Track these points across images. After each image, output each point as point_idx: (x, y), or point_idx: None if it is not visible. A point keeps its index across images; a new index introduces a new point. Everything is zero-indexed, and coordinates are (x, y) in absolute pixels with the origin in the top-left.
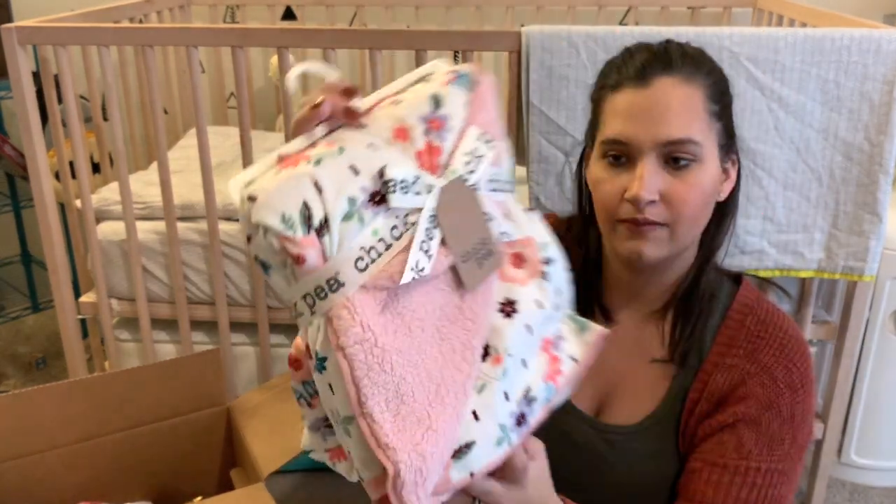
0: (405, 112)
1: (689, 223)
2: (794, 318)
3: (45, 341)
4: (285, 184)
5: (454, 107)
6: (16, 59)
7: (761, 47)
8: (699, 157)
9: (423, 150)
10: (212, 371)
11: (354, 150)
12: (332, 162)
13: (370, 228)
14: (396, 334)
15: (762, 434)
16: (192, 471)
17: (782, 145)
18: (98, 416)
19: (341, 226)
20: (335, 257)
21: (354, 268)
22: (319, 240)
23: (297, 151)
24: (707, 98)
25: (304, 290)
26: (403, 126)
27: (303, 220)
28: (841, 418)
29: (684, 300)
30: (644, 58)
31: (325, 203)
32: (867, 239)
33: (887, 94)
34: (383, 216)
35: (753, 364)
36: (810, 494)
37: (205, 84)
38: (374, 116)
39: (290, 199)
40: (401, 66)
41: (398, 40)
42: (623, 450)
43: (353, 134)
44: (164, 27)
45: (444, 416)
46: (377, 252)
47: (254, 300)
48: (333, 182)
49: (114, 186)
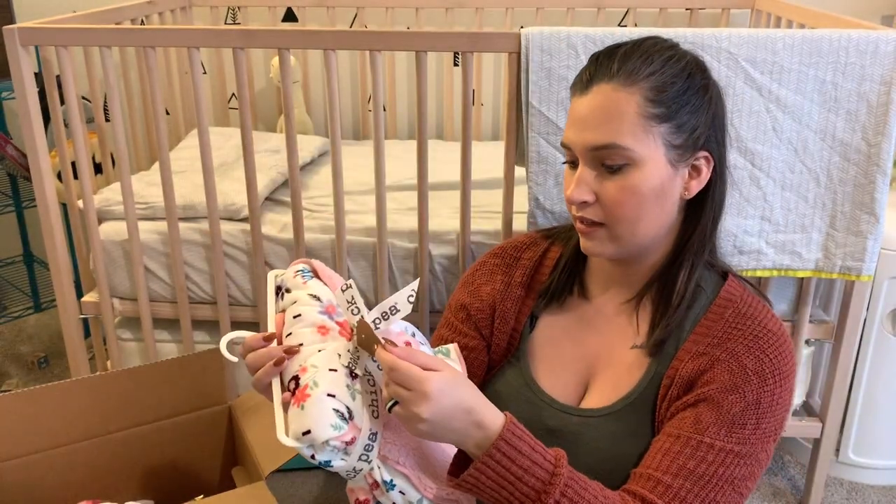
0: (312, 318)
1: (627, 223)
2: (793, 318)
3: (47, 341)
4: (316, 409)
5: (323, 291)
6: (18, 60)
7: (759, 48)
8: (633, 160)
9: (341, 328)
10: (213, 370)
11: (320, 360)
12: (324, 378)
13: (365, 391)
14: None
15: (722, 414)
16: (193, 469)
17: (780, 146)
18: (100, 416)
19: (354, 404)
20: (364, 424)
21: (374, 418)
22: (354, 421)
23: (289, 393)
24: (645, 101)
25: (359, 453)
26: (323, 325)
27: (341, 419)
28: (839, 417)
29: (661, 289)
30: (592, 65)
31: (343, 400)
32: (865, 239)
33: (885, 95)
34: (359, 383)
35: (723, 351)
36: (808, 493)
37: (206, 85)
38: (298, 331)
39: (327, 414)
40: (401, 67)
41: (399, 41)
42: (598, 431)
43: (308, 353)
44: (166, 28)
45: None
46: (376, 400)
47: (255, 300)
48: (336, 387)
49: (116, 187)
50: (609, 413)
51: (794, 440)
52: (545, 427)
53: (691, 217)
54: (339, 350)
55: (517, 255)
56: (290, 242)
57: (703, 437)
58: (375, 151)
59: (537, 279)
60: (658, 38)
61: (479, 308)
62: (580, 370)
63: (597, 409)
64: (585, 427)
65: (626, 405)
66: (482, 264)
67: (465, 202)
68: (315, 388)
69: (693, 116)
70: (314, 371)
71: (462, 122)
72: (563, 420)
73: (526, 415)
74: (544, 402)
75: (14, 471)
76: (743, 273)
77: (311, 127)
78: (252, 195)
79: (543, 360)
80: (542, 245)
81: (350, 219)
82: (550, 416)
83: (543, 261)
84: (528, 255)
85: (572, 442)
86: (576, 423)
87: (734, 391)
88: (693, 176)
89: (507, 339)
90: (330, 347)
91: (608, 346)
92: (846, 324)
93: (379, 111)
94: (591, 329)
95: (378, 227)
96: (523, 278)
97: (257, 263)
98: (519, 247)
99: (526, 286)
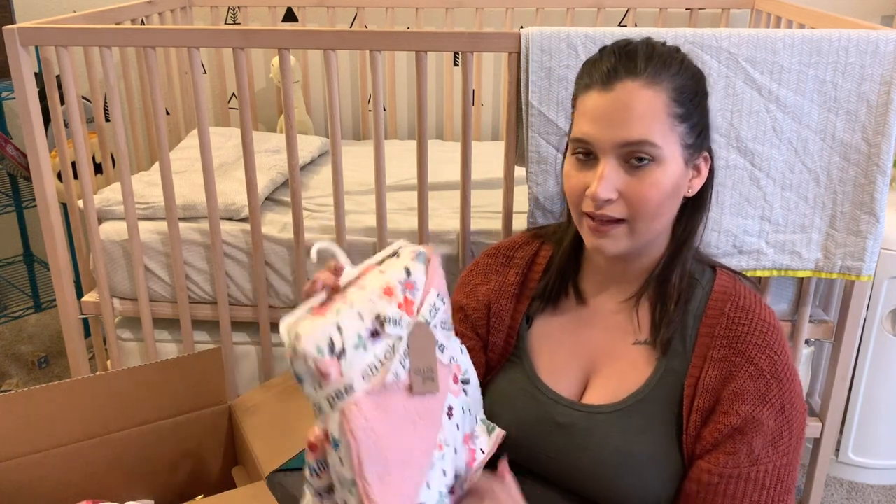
0: (389, 278)
1: (648, 219)
2: (793, 318)
3: (47, 341)
4: (318, 327)
5: (418, 275)
6: (18, 60)
7: (759, 48)
8: (658, 157)
9: (402, 302)
10: (213, 370)
11: (360, 304)
12: (347, 313)
13: (371, 353)
14: (387, 425)
15: (766, 434)
16: (193, 469)
17: (780, 146)
18: (100, 415)
19: (353, 353)
20: (348, 373)
21: (361, 379)
22: (338, 362)
23: (321, 305)
24: (670, 101)
25: (326, 394)
26: (389, 286)
27: (329, 349)
28: (839, 417)
29: (659, 286)
30: (612, 61)
31: (343, 339)
32: (864, 239)
33: (885, 95)
34: (379, 345)
35: (738, 355)
36: (808, 493)
37: (206, 85)
38: (368, 280)
39: (322, 336)
40: (401, 67)
41: (399, 41)
42: (606, 428)
43: (359, 293)
44: (166, 28)
45: (412, 483)
46: (376, 368)
47: (255, 300)
48: (348, 325)
49: (116, 187)
50: (618, 409)
51: None
52: (554, 423)
53: (687, 213)
54: (380, 310)
55: (510, 255)
56: (290, 242)
57: (760, 467)
58: (375, 151)
59: (531, 278)
60: (657, 41)
61: (476, 308)
62: (581, 365)
63: (604, 406)
64: (593, 422)
65: (635, 402)
66: (477, 264)
67: (465, 202)
68: (334, 314)
69: (702, 118)
70: (347, 306)
71: (462, 122)
72: (572, 416)
73: (533, 412)
74: (550, 399)
75: (14, 471)
76: (743, 273)
77: (311, 127)
78: (252, 195)
79: (543, 356)
80: (533, 244)
81: (350, 219)
82: (558, 413)
83: (536, 259)
84: (521, 255)
85: (582, 437)
86: (583, 419)
87: (764, 401)
88: (695, 174)
89: (504, 338)
90: (378, 304)
91: (609, 342)
92: (846, 324)
93: (379, 111)
94: (590, 326)
95: (378, 227)
96: (517, 277)
97: (257, 263)
98: (512, 246)
99: (520, 285)
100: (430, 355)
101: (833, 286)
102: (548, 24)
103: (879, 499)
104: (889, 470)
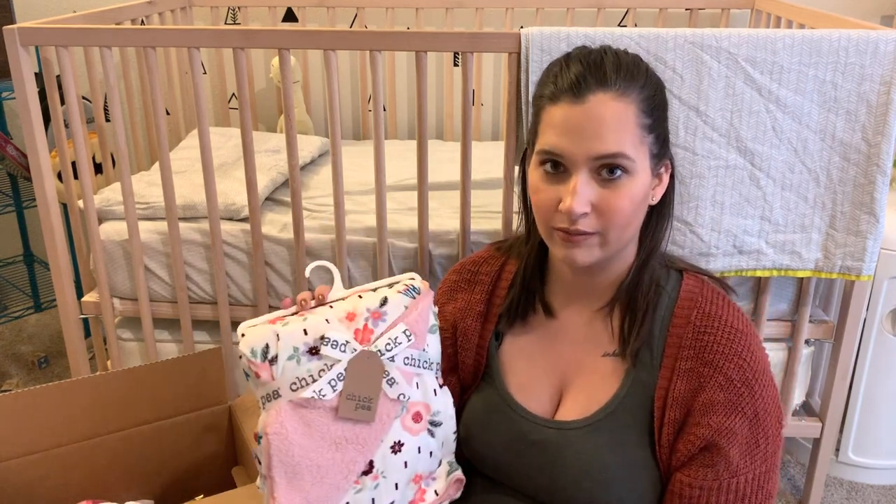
0: (360, 304)
1: (620, 230)
2: (793, 318)
3: (47, 341)
4: (259, 333)
5: (393, 308)
6: (18, 60)
7: (759, 48)
8: (630, 169)
9: (361, 329)
10: (213, 370)
11: (313, 320)
12: (293, 326)
13: (305, 367)
14: (302, 436)
15: (741, 443)
16: (193, 469)
17: (780, 146)
18: (100, 415)
19: (286, 363)
20: (278, 379)
21: (289, 388)
22: (271, 367)
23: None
24: (640, 112)
25: (260, 393)
26: (354, 312)
27: (262, 354)
28: (838, 417)
29: (629, 296)
30: (579, 70)
31: (279, 347)
32: (864, 239)
33: (884, 95)
34: (315, 362)
35: (706, 365)
36: (808, 493)
37: (206, 85)
38: (346, 302)
39: (259, 341)
40: (401, 67)
41: (399, 42)
42: (579, 443)
43: (323, 311)
44: (166, 28)
45: (324, 496)
46: (306, 382)
47: (255, 300)
48: (287, 337)
49: (116, 187)
50: (589, 424)
51: (793, 440)
52: (528, 441)
53: (653, 222)
54: (328, 332)
55: (475, 270)
56: (290, 242)
57: (738, 477)
58: (375, 151)
59: (497, 294)
60: (618, 49)
61: (443, 328)
62: (552, 381)
63: (575, 421)
64: (565, 439)
65: (605, 415)
66: (443, 282)
67: (465, 202)
68: (282, 325)
69: (665, 128)
70: (300, 321)
71: (462, 122)
72: (544, 433)
73: (507, 431)
74: (522, 418)
75: (14, 471)
76: (743, 273)
77: (311, 127)
78: (252, 195)
79: (515, 374)
80: (498, 259)
81: (350, 219)
82: (531, 431)
83: (501, 274)
84: (486, 270)
85: (555, 454)
86: (555, 436)
87: (735, 411)
88: (657, 183)
89: (474, 357)
90: (329, 326)
91: (578, 355)
92: (846, 324)
93: (379, 111)
94: (560, 340)
95: (378, 227)
96: (482, 295)
97: (257, 263)
98: (477, 261)
99: (486, 303)
100: (372, 385)
101: (833, 286)
102: (548, 24)
103: (879, 499)
104: (889, 470)
